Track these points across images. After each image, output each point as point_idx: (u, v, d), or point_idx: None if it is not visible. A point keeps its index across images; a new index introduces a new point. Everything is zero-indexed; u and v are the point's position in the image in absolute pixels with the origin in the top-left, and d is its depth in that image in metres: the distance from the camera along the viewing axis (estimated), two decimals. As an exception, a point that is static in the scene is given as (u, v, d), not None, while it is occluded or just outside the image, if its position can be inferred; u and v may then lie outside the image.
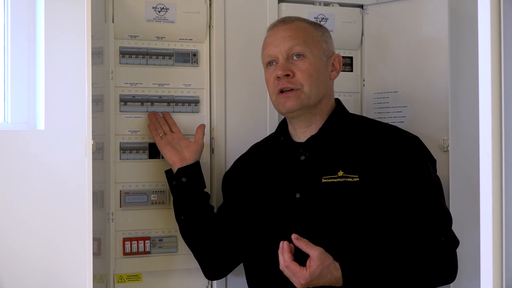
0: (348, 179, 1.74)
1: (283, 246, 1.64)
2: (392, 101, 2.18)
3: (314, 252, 1.63)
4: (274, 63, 1.82)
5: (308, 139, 1.81)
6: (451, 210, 2.00)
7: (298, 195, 1.77)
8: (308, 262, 1.63)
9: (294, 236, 1.65)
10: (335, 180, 1.75)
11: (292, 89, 1.77)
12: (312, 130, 1.82)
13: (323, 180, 1.76)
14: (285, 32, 1.82)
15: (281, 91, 1.79)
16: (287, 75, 1.78)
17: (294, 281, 1.64)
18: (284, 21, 1.86)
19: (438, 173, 1.83)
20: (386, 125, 1.87)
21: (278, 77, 1.78)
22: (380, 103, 2.21)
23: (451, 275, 1.74)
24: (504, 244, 1.10)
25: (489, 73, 1.10)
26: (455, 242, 1.75)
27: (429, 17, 2.11)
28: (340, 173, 1.75)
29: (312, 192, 1.76)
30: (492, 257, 1.09)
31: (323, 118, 1.83)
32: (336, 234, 1.70)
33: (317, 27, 1.86)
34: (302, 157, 1.80)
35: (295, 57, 1.79)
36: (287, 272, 1.65)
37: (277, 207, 1.79)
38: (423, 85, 2.12)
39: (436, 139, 2.07)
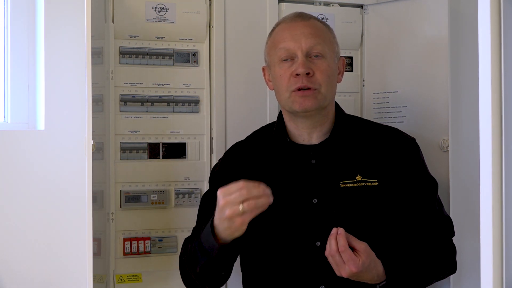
0: (367, 184, 1.73)
1: (339, 231, 1.58)
2: (392, 101, 2.18)
3: (361, 245, 1.60)
4: (289, 60, 1.74)
5: (322, 142, 1.77)
6: (451, 210, 2.01)
7: (315, 201, 1.73)
8: (355, 254, 1.60)
9: (341, 229, 1.59)
10: (354, 184, 1.73)
11: (309, 88, 1.72)
12: (320, 132, 1.78)
13: (342, 185, 1.73)
14: (305, 28, 1.75)
15: (297, 90, 1.72)
16: (307, 74, 1.71)
17: (344, 268, 1.58)
18: (302, 17, 1.79)
19: (438, 173, 1.86)
20: (386, 127, 1.87)
21: (297, 75, 1.71)
22: (380, 103, 2.21)
23: (455, 268, 1.83)
24: (504, 244, 1.10)
25: (489, 73, 1.10)
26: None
27: (429, 17, 2.11)
28: (359, 178, 1.74)
29: (331, 197, 1.73)
30: (492, 257, 1.09)
31: (329, 121, 1.79)
32: (357, 237, 1.65)
33: (330, 29, 1.82)
34: (313, 161, 1.76)
35: (314, 56, 1.74)
36: (337, 258, 1.58)
37: (291, 213, 1.74)
38: (423, 85, 2.12)
39: (436, 139, 2.07)
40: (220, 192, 1.55)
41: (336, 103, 1.84)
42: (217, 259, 1.63)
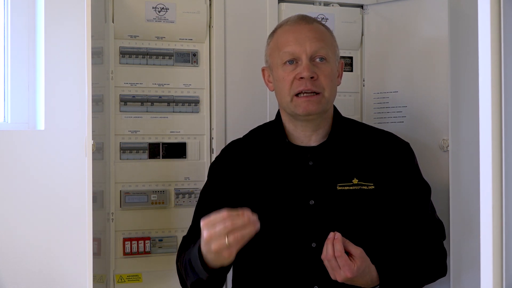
0: (363, 187, 1.74)
1: (336, 236, 1.59)
2: (392, 101, 2.18)
3: (356, 250, 1.61)
4: (294, 62, 1.74)
5: (320, 144, 1.78)
6: (451, 210, 2.01)
7: (312, 202, 1.73)
8: (350, 258, 1.61)
9: (338, 234, 1.60)
10: (351, 187, 1.74)
11: (313, 93, 1.72)
12: (319, 134, 1.79)
13: (338, 188, 1.74)
14: (309, 32, 1.76)
15: (298, 94, 1.72)
16: (312, 77, 1.72)
17: (339, 273, 1.59)
18: (306, 20, 1.79)
19: (438, 173, 1.87)
20: (381, 130, 1.88)
21: (301, 78, 1.71)
22: (380, 103, 2.21)
23: (445, 271, 1.84)
24: (504, 244, 1.10)
25: (489, 73, 1.10)
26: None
27: (429, 17, 2.11)
28: (355, 181, 1.75)
29: (327, 199, 1.73)
30: (492, 257, 1.09)
31: (328, 123, 1.80)
32: (352, 240, 1.66)
33: (331, 32, 1.83)
34: (311, 163, 1.77)
35: (318, 60, 1.74)
36: (333, 263, 1.59)
37: (288, 214, 1.74)
38: (423, 85, 2.12)
39: (436, 139, 2.07)
40: (203, 224, 1.49)
41: (333, 106, 1.85)
42: (207, 280, 1.63)
